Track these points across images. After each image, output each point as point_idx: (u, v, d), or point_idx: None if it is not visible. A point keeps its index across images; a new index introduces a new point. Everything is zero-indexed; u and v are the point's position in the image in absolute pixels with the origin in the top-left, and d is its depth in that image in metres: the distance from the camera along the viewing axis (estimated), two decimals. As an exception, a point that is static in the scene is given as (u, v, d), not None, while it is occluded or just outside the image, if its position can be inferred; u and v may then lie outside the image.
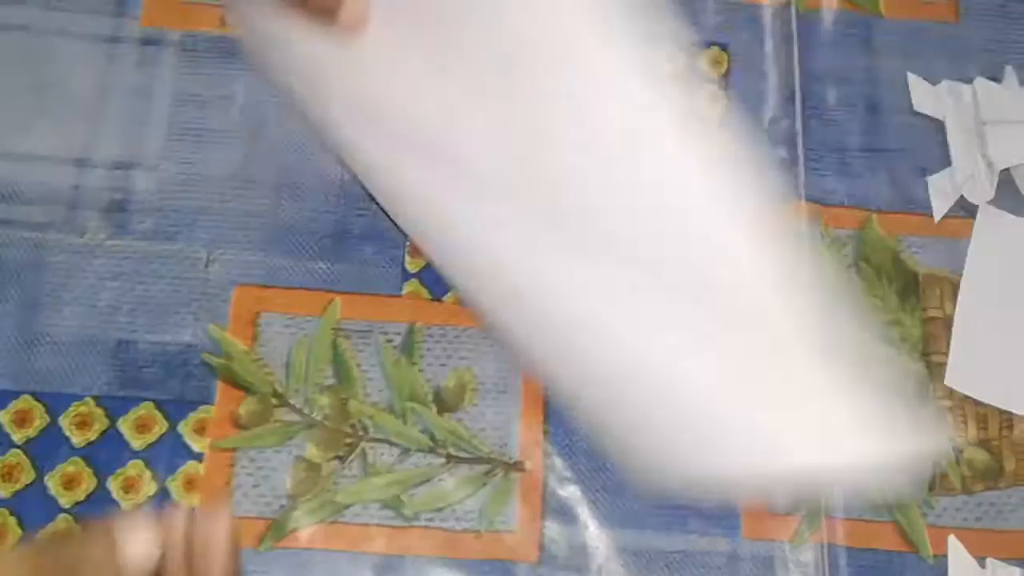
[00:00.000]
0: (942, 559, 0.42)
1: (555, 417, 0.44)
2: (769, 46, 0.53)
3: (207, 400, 0.43)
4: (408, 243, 0.47)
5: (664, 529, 0.42)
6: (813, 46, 0.53)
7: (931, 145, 0.51)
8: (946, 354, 0.46)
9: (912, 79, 0.53)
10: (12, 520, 0.41)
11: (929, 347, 0.46)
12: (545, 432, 0.44)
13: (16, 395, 0.43)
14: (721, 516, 0.43)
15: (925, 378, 0.46)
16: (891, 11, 0.54)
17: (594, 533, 0.42)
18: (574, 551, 0.42)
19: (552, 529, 0.42)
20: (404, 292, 0.46)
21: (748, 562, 0.42)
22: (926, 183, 0.50)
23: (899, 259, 0.48)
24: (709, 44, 0.53)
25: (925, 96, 0.52)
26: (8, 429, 0.42)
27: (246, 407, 0.43)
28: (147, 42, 0.50)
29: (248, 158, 0.48)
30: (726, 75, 0.52)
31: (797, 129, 0.51)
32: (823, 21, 0.54)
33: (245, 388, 0.44)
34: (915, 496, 0.44)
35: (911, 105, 0.52)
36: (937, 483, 0.44)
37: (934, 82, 0.53)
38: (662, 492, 0.30)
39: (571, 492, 0.43)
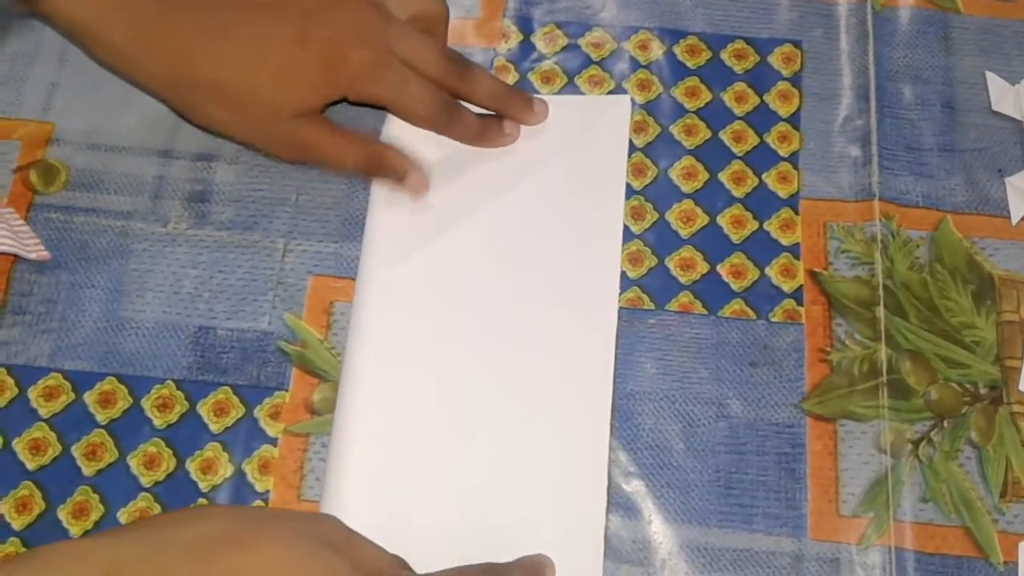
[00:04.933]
0: (1012, 566, 0.42)
1: (620, 411, 0.44)
2: (844, 43, 0.52)
3: (282, 386, 0.45)
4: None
5: (729, 527, 0.42)
6: (889, 44, 0.52)
7: (1009, 145, 0.50)
8: (1020, 359, 0.45)
9: (991, 78, 0.52)
10: (96, 498, 0.43)
11: (1004, 351, 0.46)
12: (611, 426, 0.44)
13: (102, 377, 0.45)
14: (787, 516, 0.43)
15: (999, 382, 0.45)
16: (969, 8, 0.54)
17: (658, 528, 0.42)
18: (637, 546, 0.42)
19: (615, 523, 0.42)
20: (473, 285, 0.47)
21: (813, 563, 0.42)
22: (1004, 184, 0.49)
23: (974, 261, 0.47)
24: (782, 41, 0.53)
25: (1004, 95, 0.51)
26: (93, 410, 0.44)
27: (320, 394, 0.45)
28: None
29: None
30: (799, 73, 0.52)
31: (871, 128, 0.50)
32: (900, 18, 0.53)
33: (319, 375, 0.45)
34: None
35: (989, 104, 0.51)
36: (1009, 489, 0.43)
37: (1013, 81, 0.52)
38: None
39: (635, 487, 0.43)
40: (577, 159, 0.49)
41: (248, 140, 0.47)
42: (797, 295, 0.47)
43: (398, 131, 0.48)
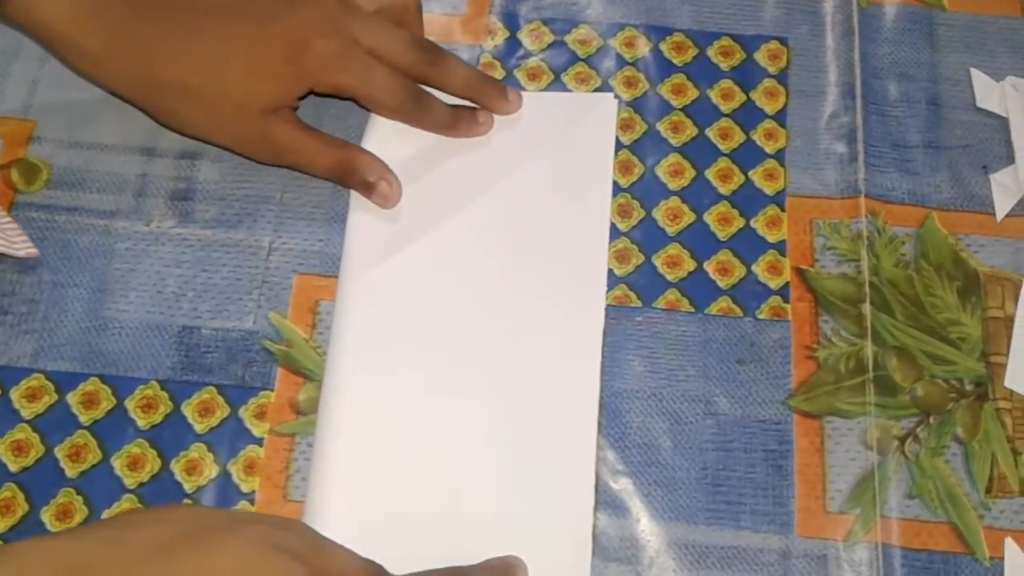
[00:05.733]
0: (998, 561, 0.42)
1: (608, 410, 0.44)
2: (830, 40, 0.53)
3: (267, 386, 0.44)
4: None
5: (716, 524, 0.42)
6: (875, 40, 0.52)
7: (994, 142, 0.50)
8: (1006, 355, 0.45)
9: (975, 74, 0.52)
10: (79, 499, 0.42)
11: (989, 348, 0.46)
12: (598, 425, 0.44)
13: (85, 377, 0.44)
14: (775, 513, 0.43)
15: (984, 379, 0.45)
16: (954, 5, 0.54)
17: (646, 526, 0.42)
18: (625, 544, 0.42)
19: (603, 521, 0.42)
20: (460, 283, 0.47)
21: (801, 560, 0.42)
22: (988, 181, 0.49)
23: (959, 258, 0.48)
24: (768, 38, 0.53)
25: (989, 92, 0.51)
26: (76, 411, 0.44)
27: (305, 393, 0.44)
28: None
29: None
30: (785, 70, 0.52)
31: (857, 125, 0.50)
32: (885, 15, 0.53)
33: (304, 375, 0.45)
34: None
35: (974, 101, 0.51)
36: (995, 485, 0.43)
37: (998, 78, 0.52)
38: None
39: (623, 485, 0.43)
40: (563, 156, 0.49)
41: (220, 140, 0.47)
42: (783, 292, 0.47)
43: (381, 133, 0.48)
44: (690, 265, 0.47)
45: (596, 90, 0.51)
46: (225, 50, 0.44)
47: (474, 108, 0.49)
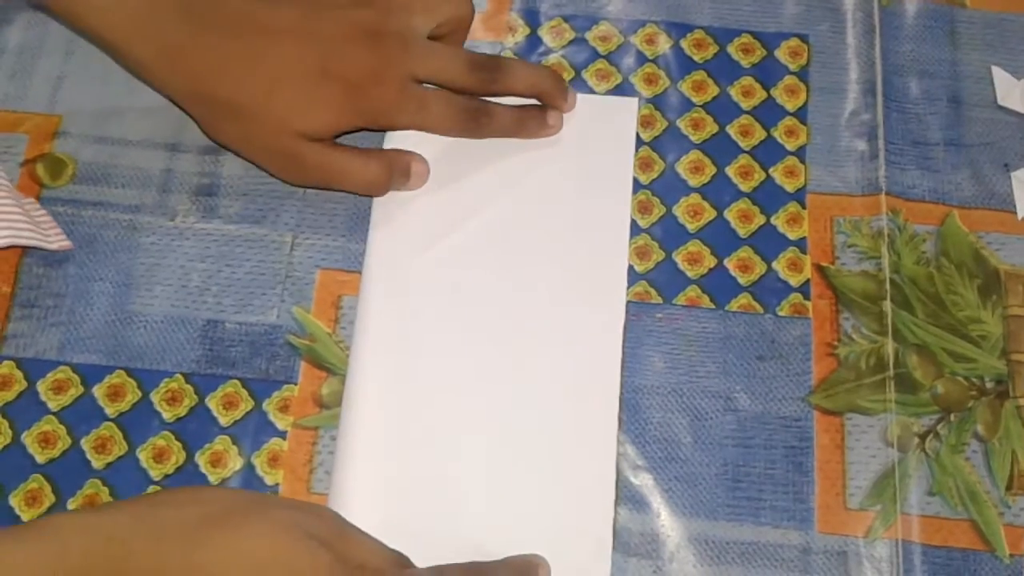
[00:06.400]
0: (1018, 559, 0.42)
1: (628, 405, 0.44)
2: (851, 38, 0.53)
3: (291, 380, 0.45)
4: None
5: (737, 520, 0.43)
6: (896, 38, 0.52)
7: (1015, 140, 0.50)
8: (1026, 353, 0.46)
9: (997, 72, 0.52)
10: (105, 491, 0.43)
11: (1010, 345, 0.46)
12: (619, 420, 0.44)
13: (110, 370, 0.45)
14: (795, 509, 0.43)
15: (1005, 376, 0.45)
16: (976, 2, 0.54)
17: (666, 521, 0.43)
18: (645, 539, 0.42)
19: (624, 516, 0.43)
20: (481, 279, 0.47)
21: (821, 556, 0.42)
22: (1010, 178, 0.49)
23: (980, 256, 0.48)
24: (789, 35, 0.53)
25: (1010, 89, 0.51)
26: (102, 403, 0.44)
27: (328, 387, 0.45)
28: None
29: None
30: (806, 67, 0.52)
31: (878, 122, 0.50)
32: (906, 13, 0.53)
33: (327, 369, 0.45)
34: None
35: (995, 99, 0.51)
36: (1015, 482, 0.43)
37: (1019, 75, 0.52)
38: None
39: (644, 480, 0.43)
40: (584, 156, 0.49)
41: (261, 161, 0.47)
42: (804, 289, 0.47)
43: (402, 133, 0.49)
44: (711, 262, 0.48)
45: (616, 87, 0.51)
46: (279, 77, 0.44)
47: (541, 107, 0.49)
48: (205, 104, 0.46)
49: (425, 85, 0.47)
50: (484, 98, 0.48)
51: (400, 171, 0.47)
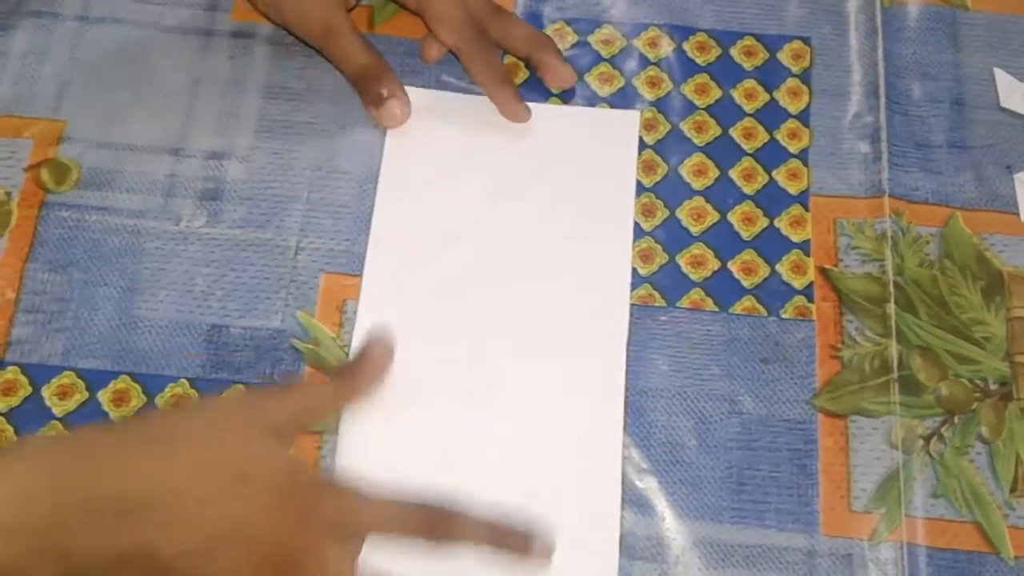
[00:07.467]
0: (1023, 561, 0.42)
1: (633, 408, 0.44)
2: (853, 40, 0.53)
3: (296, 384, 0.45)
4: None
5: (741, 523, 0.43)
6: (898, 40, 0.52)
7: (1018, 142, 0.50)
8: (1030, 355, 0.46)
9: (999, 74, 0.52)
10: (111, 495, 0.43)
11: (1014, 347, 0.46)
12: (624, 423, 0.44)
13: (115, 375, 0.45)
14: (800, 512, 0.43)
15: (1008, 378, 0.45)
16: (978, 4, 0.54)
17: (671, 525, 0.43)
18: (651, 542, 0.42)
19: (629, 520, 0.43)
20: (485, 283, 0.47)
21: (826, 559, 0.42)
22: (1012, 180, 0.49)
23: (983, 258, 0.48)
24: (791, 38, 0.53)
25: (1012, 91, 0.51)
26: (107, 408, 0.44)
27: (333, 392, 0.45)
28: (238, 36, 0.52)
29: (335, 150, 0.49)
30: (808, 69, 0.52)
31: (881, 124, 0.50)
32: (908, 15, 0.53)
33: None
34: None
35: (998, 101, 0.51)
36: (1020, 484, 0.43)
37: (1022, 77, 0.52)
38: None
39: (648, 484, 0.43)
40: (588, 163, 0.49)
41: (286, 16, 0.50)
42: (808, 292, 0.47)
43: (407, 133, 0.49)
44: (714, 265, 0.48)
45: (619, 90, 0.51)
46: None
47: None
48: None
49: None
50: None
51: (376, 79, 0.49)
